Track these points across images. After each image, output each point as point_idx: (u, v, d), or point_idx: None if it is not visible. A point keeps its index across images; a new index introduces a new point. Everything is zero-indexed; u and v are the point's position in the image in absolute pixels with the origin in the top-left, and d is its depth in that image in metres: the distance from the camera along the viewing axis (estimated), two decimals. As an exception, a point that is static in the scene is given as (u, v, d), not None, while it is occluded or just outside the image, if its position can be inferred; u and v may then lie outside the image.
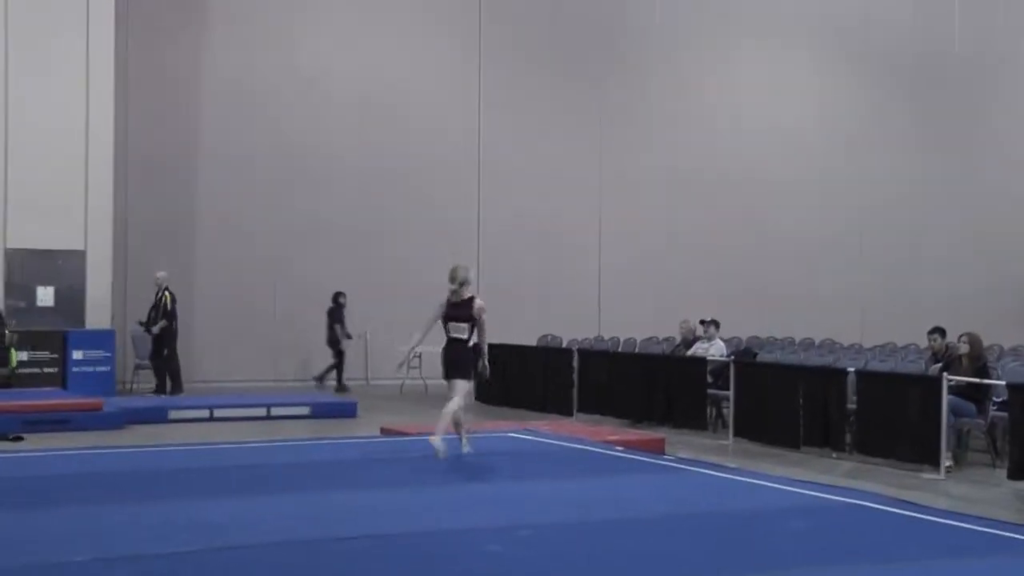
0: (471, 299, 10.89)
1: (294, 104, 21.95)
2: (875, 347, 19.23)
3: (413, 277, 21.67)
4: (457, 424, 11.07)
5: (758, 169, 25.82)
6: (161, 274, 18.36)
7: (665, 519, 8.28)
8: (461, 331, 10.81)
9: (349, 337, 20.79)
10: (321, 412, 16.41)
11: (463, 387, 10.91)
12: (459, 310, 10.84)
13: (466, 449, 11.13)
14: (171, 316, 18.15)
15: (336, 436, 13.66)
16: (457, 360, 10.85)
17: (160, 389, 18.10)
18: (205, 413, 15.79)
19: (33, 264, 18.38)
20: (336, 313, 20.78)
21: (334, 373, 20.81)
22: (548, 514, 8.39)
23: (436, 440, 10.67)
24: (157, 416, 15.36)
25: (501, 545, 7.25)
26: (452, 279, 10.86)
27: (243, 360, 21.17)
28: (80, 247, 18.67)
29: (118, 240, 19.56)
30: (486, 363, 11.18)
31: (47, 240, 18.40)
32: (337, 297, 20.75)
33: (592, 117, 24.38)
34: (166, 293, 18.14)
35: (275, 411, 16.23)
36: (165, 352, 18.16)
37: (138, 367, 19.71)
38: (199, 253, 21.31)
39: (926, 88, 27.87)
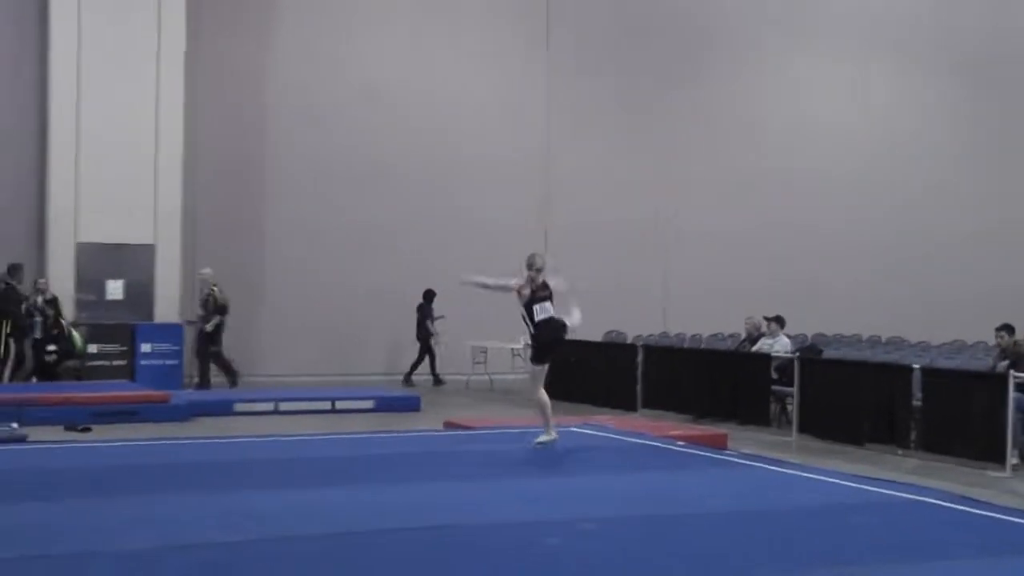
0: (545, 282, 11.14)
1: (359, 107, 22.05)
2: (943, 344, 18.97)
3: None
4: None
5: (823, 170, 25.61)
6: (206, 271, 18.57)
7: (726, 515, 8.24)
8: (548, 311, 11.06)
9: (435, 333, 21.08)
10: (385, 406, 16.49)
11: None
12: (544, 291, 11.11)
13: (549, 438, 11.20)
14: (224, 311, 18.30)
15: (400, 430, 13.73)
16: (560, 337, 11.12)
17: (204, 383, 18.21)
18: (270, 406, 15.93)
19: (103, 258, 18.69)
20: (425, 309, 21.01)
21: (426, 366, 21.17)
22: (609, 508, 8.38)
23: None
24: (223, 409, 15.54)
25: (561, 538, 7.25)
26: (531, 266, 11.12)
27: (309, 356, 21.34)
28: (150, 241, 18.97)
29: (187, 235, 19.82)
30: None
31: (118, 235, 18.71)
32: (427, 294, 20.92)
33: (658, 118, 24.29)
34: (214, 289, 18.30)
35: (340, 405, 16.33)
36: (212, 349, 18.30)
37: (205, 360, 19.97)
38: (266, 249, 21.52)
39: (988, 83, 27.42)
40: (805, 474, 10.34)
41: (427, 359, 21.23)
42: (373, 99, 22.18)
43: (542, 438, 11.22)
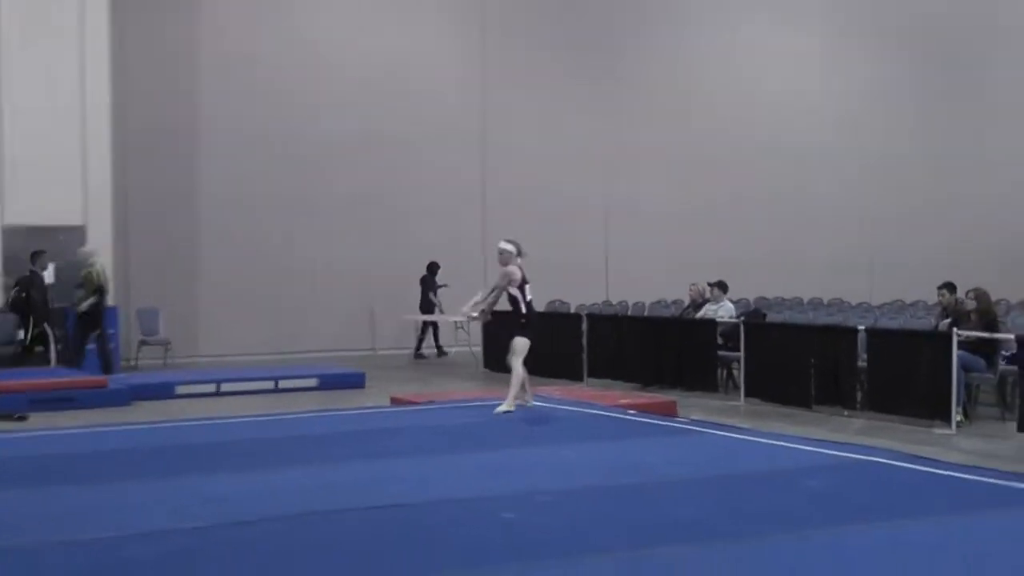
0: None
1: (294, 78, 21.87)
2: (883, 305, 19.26)
3: (416, 249, 21.69)
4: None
5: (767, 137, 25.82)
6: (86, 248, 17.44)
7: (681, 482, 8.32)
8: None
9: (436, 304, 21.17)
10: (329, 383, 16.42)
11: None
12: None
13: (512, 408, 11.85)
14: (101, 292, 16.93)
15: (345, 407, 13.68)
16: (513, 324, 11.95)
17: (76, 363, 16.74)
18: (212, 388, 15.77)
19: (32, 240, 18.35)
20: (428, 281, 21.03)
21: (430, 340, 21.26)
22: (563, 480, 8.42)
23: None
24: (163, 392, 15.36)
25: (516, 512, 7.28)
26: (519, 253, 11.91)
27: (250, 334, 21.22)
28: (79, 222, 18.67)
29: (118, 214, 19.56)
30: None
31: (45, 216, 18.38)
32: (431, 266, 20.82)
33: (601, 87, 24.28)
34: (92, 267, 16.93)
35: (283, 384, 16.23)
36: (97, 333, 16.91)
37: (142, 342, 19.78)
38: (203, 227, 21.30)
39: (939, 55, 27.81)
40: (755, 438, 10.50)
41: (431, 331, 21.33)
42: (309, 67, 21.99)
43: (504, 407, 11.74)
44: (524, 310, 11.80)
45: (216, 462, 9.35)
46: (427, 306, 21.08)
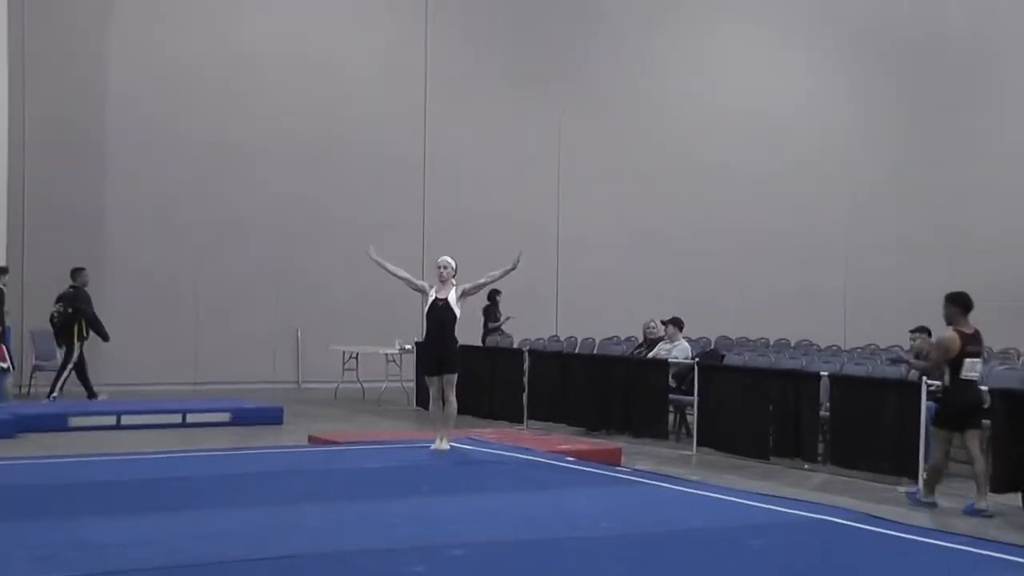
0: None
1: (218, 81, 21.66)
2: (855, 349, 19.31)
3: (350, 274, 21.55)
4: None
5: (732, 159, 25.82)
6: None
7: (613, 538, 8.27)
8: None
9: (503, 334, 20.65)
10: (244, 418, 16.24)
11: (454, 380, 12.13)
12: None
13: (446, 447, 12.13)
14: None
15: (258, 446, 13.52)
16: (453, 352, 12.14)
17: None
18: (111, 420, 15.58)
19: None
20: (490, 311, 20.71)
21: None
22: (484, 532, 8.36)
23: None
24: (55, 423, 15.13)
25: (427, 566, 7.19)
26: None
27: (159, 362, 20.93)
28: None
29: (14, 230, 19.28)
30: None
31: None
32: (492, 295, 20.39)
33: (551, 102, 24.27)
34: None
35: (191, 418, 16.04)
36: None
37: (36, 368, 19.46)
38: (110, 244, 21.00)
39: (917, 74, 28.11)
40: (703, 492, 10.46)
41: None
42: (231, 75, 21.80)
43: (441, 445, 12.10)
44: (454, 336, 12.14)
45: (101, 504, 9.19)
46: (490, 336, 20.66)
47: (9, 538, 7.70)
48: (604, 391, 15.83)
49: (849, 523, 9.05)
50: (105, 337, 18.07)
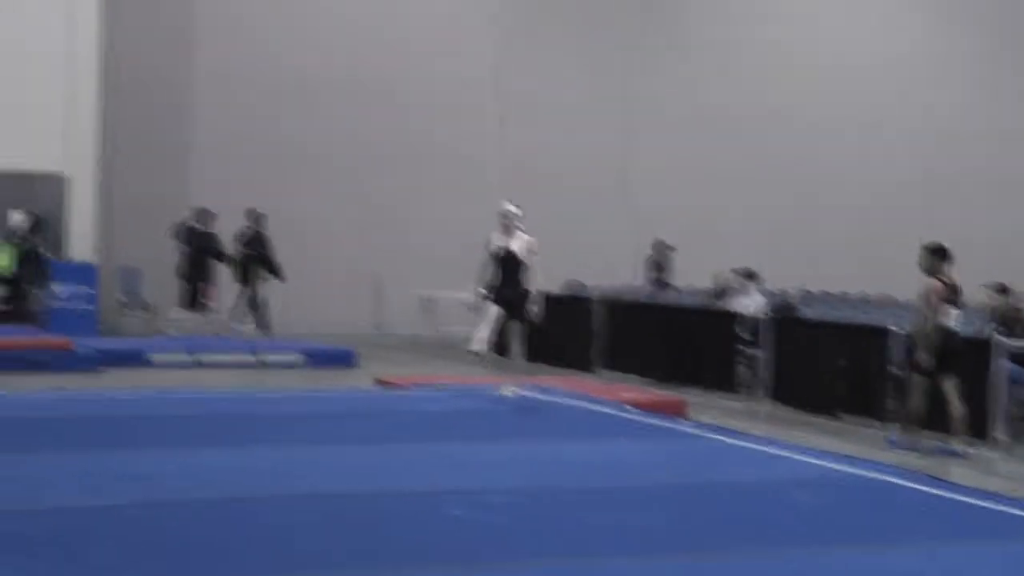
0: None
1: (292, 25, 21.80)
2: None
3: (423, 217, 21.65)
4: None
5: (811, 107, 25.35)
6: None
7: (654, 488, 8.29)
8: None
9: None
10: (317, 360, 16.47)
11: None
12: None
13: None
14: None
15: (324, 388, 13.73)
16: (520, 300, 12.27)
17: None
18: (188, 358, 15.89)
19: (5, 188, 18.47)
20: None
21: None
22: (528, 478, 8.44)
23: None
24: (135, 360, 15.49)
25: (464, 510, 7.27)
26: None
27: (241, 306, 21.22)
28: (60, 170, 18.76)
29: (104, 165, 19.64)
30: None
31: (21, 161, 18.48)
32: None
33: (623, 47, 24.03)
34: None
35: (265, 358, 16.31)
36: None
37: (124, 305, 19.87)
38: (194, 182, 21.30)
39: (1006, 22, 27.30)
40: (759, 446, 10.38)
41: None
42: (303, 19, 21.92)
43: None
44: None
45: (159, 437, 9.42)
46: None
47: (65, 468, 7.93)
48: (674, 342, 15.75)
49: (900, 481, 8.92)
50: (282, 278, 19.08)
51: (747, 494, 8.29)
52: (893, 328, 12.94)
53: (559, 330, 17.51)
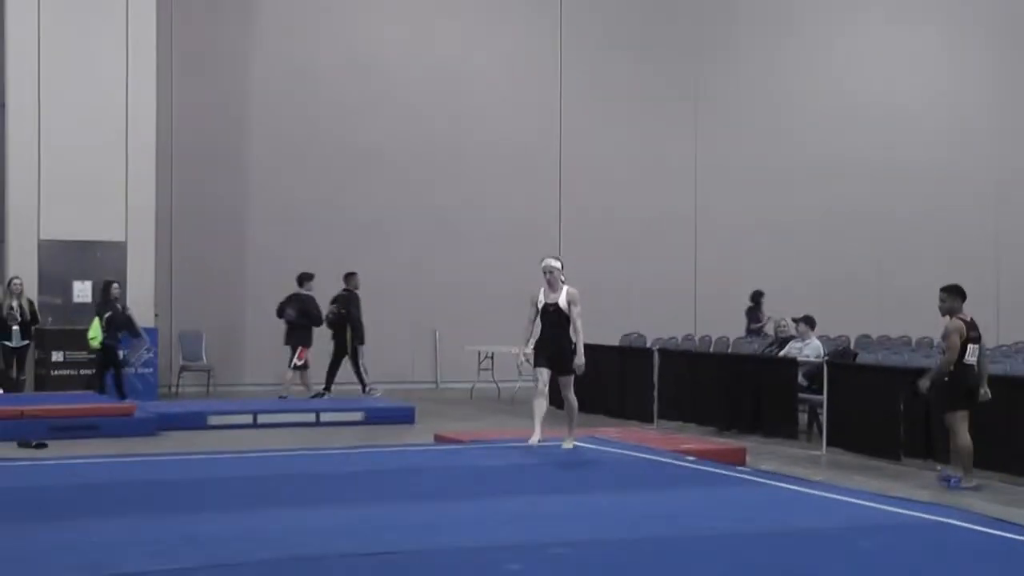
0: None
1: (351, 90, 22.15)
2: (999, 347, 18.80)
3: (487, 276, 21.78)
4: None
5: (873, 155, 25.39)
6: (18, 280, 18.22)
7: (711, 538, 8.25)
8: None
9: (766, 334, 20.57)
10: (376, 418, 16.57)
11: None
12: None
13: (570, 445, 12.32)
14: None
15: (385, 444, 13.79)
16: (568, 354, 12.20)
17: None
18: (248, 419, 16.04)
19: (69, 256, 18.87)
20: (753, 312, 21.02)
21: None
22: (588, 531, 8.43)
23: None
24: (195, 422, 15.65)
25: (523, 563, 7.30)
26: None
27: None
28: (120, 238, 19.12)
29: (162, 231, 19.97)
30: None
31: (85, 231, 18.86)
32: (755, 295, 20.93)
33: (687, 100, 24.24)
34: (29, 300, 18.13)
35: (325, 417, 16.44)
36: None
37: (183, 368, 20.14)
38: (250, 245, 21.61)
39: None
40: (820, 492, 10.33)
41: None
42: (365, 79, 22.23)
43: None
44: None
45: (223, 499, 9.51)
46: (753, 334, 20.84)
47: (128, 532, 8.04)
48: (734, 390, 15.75)
49: (968, 525, 8.84)
50: (361, 341, 19.26)
51: (807, 542, 8.25)
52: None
53: (617, 381, 17.60)
